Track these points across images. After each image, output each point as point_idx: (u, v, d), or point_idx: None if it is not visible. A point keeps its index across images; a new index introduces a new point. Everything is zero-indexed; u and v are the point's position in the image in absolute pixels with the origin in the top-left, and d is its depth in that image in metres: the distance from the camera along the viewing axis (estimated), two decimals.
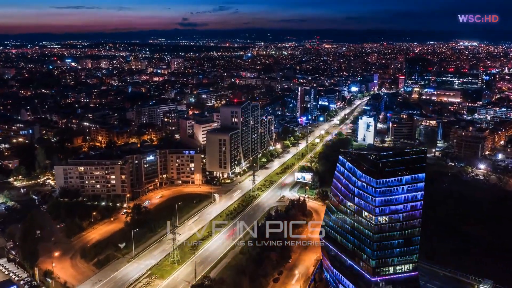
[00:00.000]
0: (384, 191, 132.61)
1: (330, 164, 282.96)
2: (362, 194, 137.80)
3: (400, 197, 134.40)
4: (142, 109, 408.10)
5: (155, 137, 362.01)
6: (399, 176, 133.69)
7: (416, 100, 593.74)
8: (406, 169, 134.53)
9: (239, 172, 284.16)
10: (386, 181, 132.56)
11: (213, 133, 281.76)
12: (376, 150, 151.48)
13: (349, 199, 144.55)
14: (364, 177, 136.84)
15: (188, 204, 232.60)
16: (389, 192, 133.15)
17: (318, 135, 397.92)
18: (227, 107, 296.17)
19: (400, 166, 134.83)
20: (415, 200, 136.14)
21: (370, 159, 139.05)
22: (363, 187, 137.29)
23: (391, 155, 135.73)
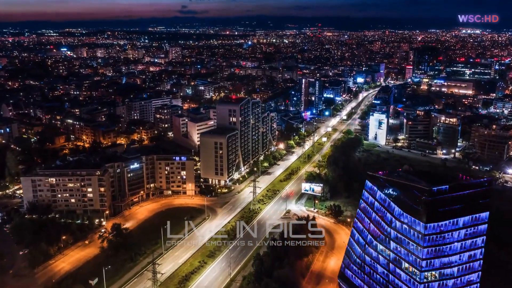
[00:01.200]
0: (435, 238, 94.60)
1: (341, 170, 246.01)
2: (402, 240, 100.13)
3: (455, 245, 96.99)
4: (133, 104, 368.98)
5: (146, 136, 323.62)
6: (456, 217, 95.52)
7: (426, 92, 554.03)
8: (465, 207, 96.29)
9: (238, 179, 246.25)
10: (438, 225, 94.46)
11: (208, 135, 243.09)
12: (418, 175, 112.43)
13: (382, 241, 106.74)
14: (405, 217, 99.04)
15: (178, 222, 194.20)
16: (441, 239, 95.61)
17: (325, 132, 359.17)
18: (224, 105, 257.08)
19: (457, 204, 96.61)
20: (475, 248, 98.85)
21: (413, 192, 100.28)
22: (404, 230, 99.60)
23: (447, 190, 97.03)
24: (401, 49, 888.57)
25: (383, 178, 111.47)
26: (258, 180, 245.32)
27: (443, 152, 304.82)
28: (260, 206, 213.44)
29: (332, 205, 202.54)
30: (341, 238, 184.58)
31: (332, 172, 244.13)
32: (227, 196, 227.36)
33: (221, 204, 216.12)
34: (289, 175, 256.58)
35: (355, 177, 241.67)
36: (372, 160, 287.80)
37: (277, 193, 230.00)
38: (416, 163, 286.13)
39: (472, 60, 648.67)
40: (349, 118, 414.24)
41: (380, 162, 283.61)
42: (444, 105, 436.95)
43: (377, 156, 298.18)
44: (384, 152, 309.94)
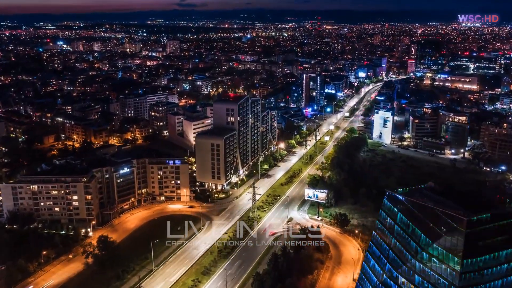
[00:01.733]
0: (472, 276, 77.62)
1: (346, 173, 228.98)
2: (430, 275, 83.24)
3: (496, 284, 79.46)
4: (127, 100, 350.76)
5: (140, 135, 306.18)
6: (498, 251, 78.57)
7: (429, 87, 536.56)
8: (509, 239, 79.33)
9: (236, 183, 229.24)
10: (477, 261, 77.41)
11: (204, 136, 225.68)
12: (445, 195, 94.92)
13: (404, 274, 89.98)
14: (435, 248, 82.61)
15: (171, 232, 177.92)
16: (479, 276, 78.45)
17: (327, 131, 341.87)
18: (222, 104, 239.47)
19: (500, 235, 79.54)
20: None
21: (446, 220, 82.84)
22: (433, 264, 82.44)
23: (488, 220, 79.72)
24: (402, 43, 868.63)
25: (406, 199, 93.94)
26: (258, 183, 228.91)
27: (452, 152, 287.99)
28: (260, 213, 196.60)
29: (338, 214, 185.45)
30: (348, 252, 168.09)
31: (337, 176, 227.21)
32: (224, 202, 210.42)
33: (218, 211, 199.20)
34: (290, 178, 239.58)
35: (361, 180, 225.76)
36: (378, 161, 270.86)
37: (278, 199, 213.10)
38: (423, 163, 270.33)
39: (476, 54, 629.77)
40: (351, 115, 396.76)
41: (386, 163, 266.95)
42: (449, 101, 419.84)
43: (383, 156, 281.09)
44: (389, 152, 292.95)
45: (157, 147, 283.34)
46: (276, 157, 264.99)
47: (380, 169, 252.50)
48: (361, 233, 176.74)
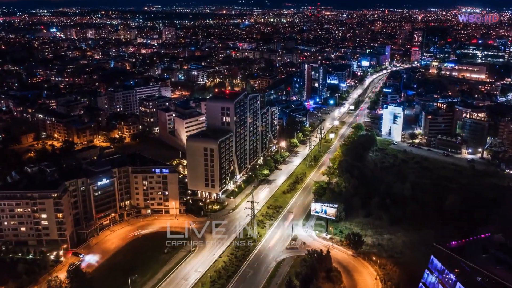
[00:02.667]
0: None
1: (356, 179, 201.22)
2: None
3: None
4: (115, 94, 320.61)
5: (128, 133, 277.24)
6: None
7: (435, 76, 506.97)
8: None
9: (233, 191, 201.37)
10: None
11: (196, 139, 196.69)
12: None
13: None
14: None
15: (155, 255, 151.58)
16: None
17: (331, 126, 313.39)
18: (216, 102, 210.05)
19: None
20: None
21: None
22: None
23: None
24: (404, 29, 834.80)
25: (469, 266, 65.90)
26: (257, 191, 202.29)
27: (469, 151, 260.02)
28: (260, 230, 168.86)
29: (351, 234, 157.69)
30: (364, 281, 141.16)
31: (345, 183, 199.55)
32: (219, 215, 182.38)
33: (211, 228, 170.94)
34: (293, 184, 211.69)
35: (373, 187, 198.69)
36: (389, 163, 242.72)
37: (280, 211, 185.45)
38: (439, 165, 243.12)
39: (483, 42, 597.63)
40: (356, 108, 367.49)
41: (398, 165, 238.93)
42: (459, 92, 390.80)
43: (394, 157, 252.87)
44: (401, 151, 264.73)
45: (147, 147, 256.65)
46: (277, 159, 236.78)
47: (392, 172, 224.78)
48: (377, 256, 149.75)
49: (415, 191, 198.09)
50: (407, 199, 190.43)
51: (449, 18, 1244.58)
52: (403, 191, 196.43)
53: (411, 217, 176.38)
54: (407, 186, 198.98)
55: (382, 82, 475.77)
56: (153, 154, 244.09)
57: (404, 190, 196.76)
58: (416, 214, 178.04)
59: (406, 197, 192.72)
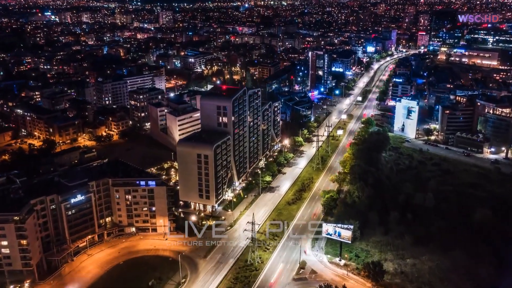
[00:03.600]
0: None
1: (371, 188, 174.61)
2: None
3: None
4: (104, 86, 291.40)
5: (116, 130, 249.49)
6: None
7: (444, 63, 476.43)
8: None
9: (231, 201, 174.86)
10: None
11: (188, 144, 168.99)
12: None
13: None
14: None
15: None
16: None
17: (338, 121, 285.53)
18: (211, 100, 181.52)
19: None
20: None
21: None
22: None
23: None
24: (409, 13, 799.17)
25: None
26: (258, 201, 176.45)
27: (491, 150, 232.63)
28: (262, 254, 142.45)
29: (370, 263, 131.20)
30: None
31: (359, 192, 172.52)
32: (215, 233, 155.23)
33: (205, 251, 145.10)
34: (299, 193, 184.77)
35: (390, 198, 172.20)
36: (405, 165, 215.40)
37: (285, 228, 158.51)
38: (460, 167, 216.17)
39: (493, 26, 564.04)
40: (364, 98, 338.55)
41: (416, 168, 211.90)
42: (472, 81, 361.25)
43: (409, 157, 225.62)
44: (416, 150, 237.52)
45: (136, 146, 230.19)
46: (281, 162, 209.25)
47: (409, 177, 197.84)
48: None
49: (438, 201, 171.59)
50: (430, 212, 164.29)
51: (452, 0, 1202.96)
52: (425, 202, 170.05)
53: (437, 234, 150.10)
54: (429, 196, 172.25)
55: (390, 69, 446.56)
56: (142, 154, 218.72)
57: (426, 201, 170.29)
58: (442, 231, 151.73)
59: (429, 209, 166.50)
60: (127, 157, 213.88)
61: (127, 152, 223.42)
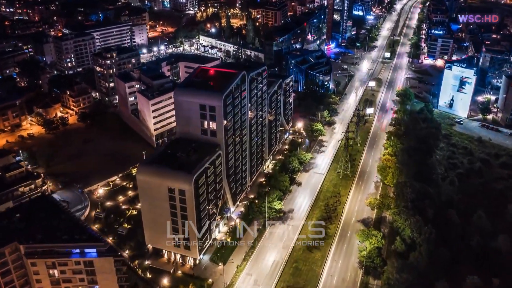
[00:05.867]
0: None
1: (436, 229, 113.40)
2: None
3: None
4: (63, 43, 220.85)
5: (76, 108, 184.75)
6: None
7: (477, 2, 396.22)
8: None
9: (224, 244, 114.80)
10: None
11: (153, 171, 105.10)
12: None
13: None
14: None
15: None
16: None
17: (365, 89, 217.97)
18: (191, 95, 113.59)
19: None
20: None
21: None
22: None
23: None
24: None
25: None
26: (264, 241, 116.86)
27: None
28: None
29: None
30: None
31: (415, 233, 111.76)
32: None
33: None
34: (322, 226, 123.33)
35: (461, 242, 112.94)
36: (464, 167, 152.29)
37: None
38: None
39: None
40: (392, 53, 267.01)
41: (478, 171, 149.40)
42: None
43: (467, 152, 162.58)
44: (473, 139, 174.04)
45: (99, 135, 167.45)
46: (294, 167, 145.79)
47: (475, 192, 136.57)
48: None
49: None
50: None
51: None
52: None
53: None
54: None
55: (417, 11, 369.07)
56: (105, 150, 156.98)
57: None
58: None
59: None
60: (84, 155, 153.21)
61: (85, 146, 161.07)
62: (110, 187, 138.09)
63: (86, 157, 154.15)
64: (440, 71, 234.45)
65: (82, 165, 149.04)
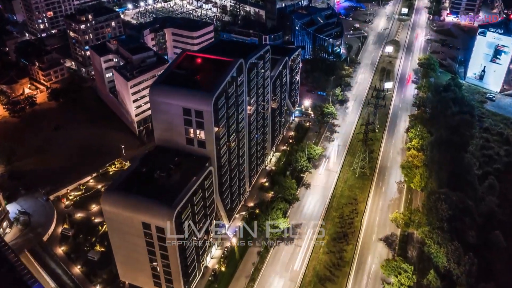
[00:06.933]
0: None
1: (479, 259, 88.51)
2: None
3: None
4: (32, 1, 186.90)
5: (48, 83, 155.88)
6: None
7: None
8: None
9: (218, 269, 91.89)
10: None
11: (120, 200, 78.61)
12: None
13: None
14: None
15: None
16: None
17: (381, 54, 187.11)
18: (171, 95, 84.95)
19: None
20: None
21: None
22: None
23: None
24: None
25: None
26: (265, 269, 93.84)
27: None
28: None
29: None
30: None
31: (453, 264, 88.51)
32: None
33: None
34: (336, 242, 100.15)
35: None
36: (502, 161, 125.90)
37: None
38: None
39: None
40: (409, 9, 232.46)
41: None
42: None
43: (501, 138, 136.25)
44: (507, 118, 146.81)
45: (70, 121, 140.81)
46: (302, 166, 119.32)
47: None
48: None
49: None
50: None
51: None
52: None
53: None
54: None
55: None
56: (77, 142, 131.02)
57: None
58: None
59: None
60: (53, 147, 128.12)
61: (55, 134, 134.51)
62: (81, 192, 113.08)
63: (56, 149, 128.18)
64: (465, 31, 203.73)
65: (50, 160, 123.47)
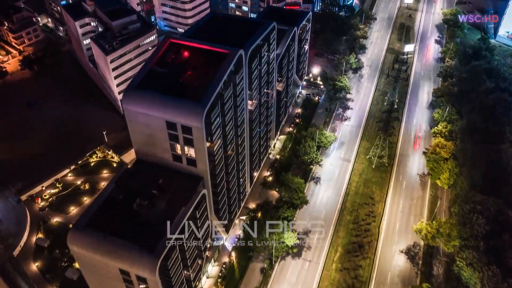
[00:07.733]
0: None
1: None
2: None
3: None
4: None
5: (20, 47, 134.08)
6: None
7: None
8: None
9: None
10: None
11: (91, 242, 62.05)
12: None
13: None
14: None
15: None
16: None
17: (398, 7, 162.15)
18: (150, 105, 64.48)
19: None
20: None
21: None
22: None
23: None
24: None
25: None
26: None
27: None
28: None
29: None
30: None
31: None
32: None
33: None
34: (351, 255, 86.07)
35: None
36: None
37: None
38: None
39: None
40: None
41: None
42: None
43: None
44: None
45: (46, 95, 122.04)
46: (312, 159, 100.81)
47: None
48: None
49: None
50: None
51: None
52: None
53: None
54: None
55: None
56: (59, 117, 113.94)
57: None
58: None
59: None
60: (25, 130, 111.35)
61: (28, 113, 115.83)
62: (58, 189, 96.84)
63: (28, 133, 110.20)
64: None
65: (21, 148, 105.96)
